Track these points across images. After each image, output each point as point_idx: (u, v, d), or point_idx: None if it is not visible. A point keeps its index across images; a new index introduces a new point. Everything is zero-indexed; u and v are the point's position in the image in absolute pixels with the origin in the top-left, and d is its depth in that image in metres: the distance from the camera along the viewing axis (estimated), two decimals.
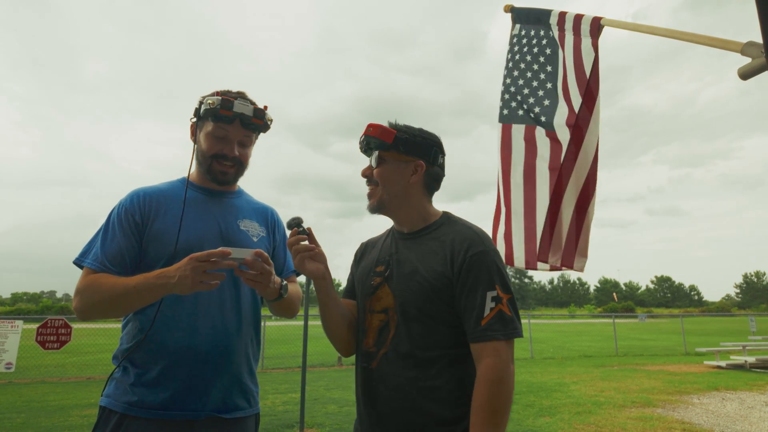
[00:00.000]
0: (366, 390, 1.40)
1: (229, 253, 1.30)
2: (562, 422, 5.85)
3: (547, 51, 2.89)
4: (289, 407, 6.78)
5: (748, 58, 1.43)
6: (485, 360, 1.25)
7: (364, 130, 1.47)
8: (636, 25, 2.13)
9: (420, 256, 1.40)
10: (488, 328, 1.26)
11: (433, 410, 1.28)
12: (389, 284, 1.42)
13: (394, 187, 1.45)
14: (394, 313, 1.38)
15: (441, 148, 1.52)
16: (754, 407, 6.70)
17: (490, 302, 1.28)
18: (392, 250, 1.49)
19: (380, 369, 1.36)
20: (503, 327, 1.27)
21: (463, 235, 1.37)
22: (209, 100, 1.54)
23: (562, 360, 13.17)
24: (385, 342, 1.37)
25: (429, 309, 1.33)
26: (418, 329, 1.33)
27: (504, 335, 1.26)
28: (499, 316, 1.27)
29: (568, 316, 49.63)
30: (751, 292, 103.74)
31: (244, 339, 1.58)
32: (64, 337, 9.12)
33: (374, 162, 1.47)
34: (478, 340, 1.27)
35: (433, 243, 1.41)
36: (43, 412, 6.51)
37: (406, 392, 1.30)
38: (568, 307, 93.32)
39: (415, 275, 1.37)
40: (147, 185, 1.65)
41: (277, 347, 14.82)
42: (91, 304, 1.42)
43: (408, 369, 1.31)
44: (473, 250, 1.33)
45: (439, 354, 1.32)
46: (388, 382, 1.34)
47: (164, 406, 1.41)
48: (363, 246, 1.66)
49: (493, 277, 1.31)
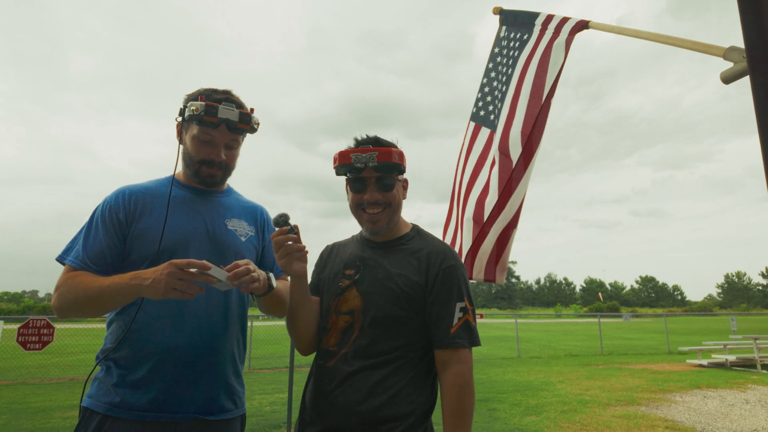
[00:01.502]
0: (319, 386, 1.42)
1: (209, 268, 1.27)
2: (548, 421, 5.91)
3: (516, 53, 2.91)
4: (277, 407, 6.74)
5: (731, 62, 1.46)
6: (454, 366, 1.35)
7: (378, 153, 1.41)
8: (621, 29, 2.16)
9: (393, 264, 1.47)
10: (456, 336, 1.37)
11: (383, 407, 1.32)
12: (358, 287, 1.46)
13: (400, 208, 1.53)
14: (359, 315, 1.43)
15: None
16: (735, 405, 6.84)
17: (459, 312, 1.39)
18: (364, 256, 1.53)
19: (336, 367, 1.40)
20: (469, 336, 1.38)
21: (437, 249, 1.48)
22: (193, 106, 1.49)
23: (548, 359, 13.30)
24: (346, 342, 1.42)
25: (397, 314, 1.40)
26: (382, 333, 1.39)
27: (469, 343, 1.38)
28: (466, 325, 1.39)
29: (554, 316, 50.12)
30: (732, 292, 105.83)
31: (230, 339, 1.56)
32: (47, 338, 8.96)
33: (386, 186, 1.47)
34: (447, 347, 1.37)
35: (407, 254, 1.49)
36: (25, 413, 6.39)
37: (358, 387, 1.35)
38: (555, 306, 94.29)
39: (388, 281, 1.43)
40: (133, 183, 1.63)
41: (264, 347, 14.74)
42: (67, 302, 1.40)
43: (364, 369, 1.37)
44: (447, 263, 1.44)
45: (397, 355, 1.38)
46: (342, 380, 1.37)
47: (147, 407, 1.39)
48: (330, 247, 1.70)
49: (462, 290, 1.43)
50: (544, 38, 2.67)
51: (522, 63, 2.77)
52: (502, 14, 3.28)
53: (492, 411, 6.49)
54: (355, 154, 1.44)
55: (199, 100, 1.52)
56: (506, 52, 3.05)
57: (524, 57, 2.78)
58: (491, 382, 9.05)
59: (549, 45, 2.59)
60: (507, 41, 3.10)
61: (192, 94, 1.58)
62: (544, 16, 2.80)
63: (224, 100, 1.54)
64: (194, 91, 1.59)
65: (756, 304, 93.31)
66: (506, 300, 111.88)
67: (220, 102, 1.52)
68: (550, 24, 2.69)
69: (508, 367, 11.44)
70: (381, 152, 1.42)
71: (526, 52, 2.78)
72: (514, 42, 3.00)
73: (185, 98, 1.59)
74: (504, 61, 3.04)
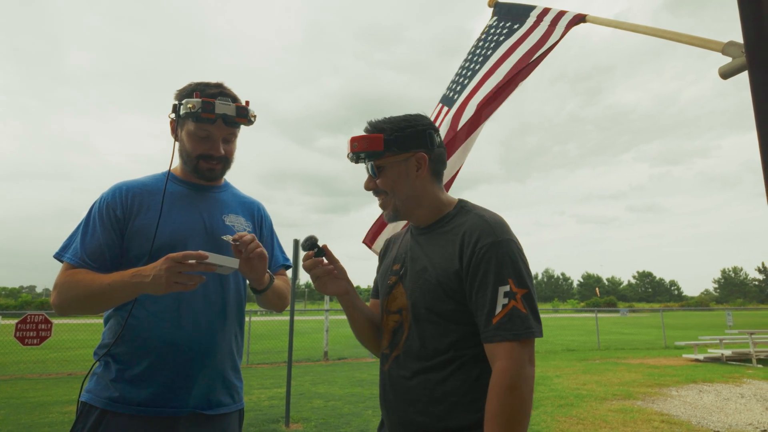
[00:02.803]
0: (382, 392, 1.37)
1: (206, 257, 1.27)
2: (545, 415, 5.94)
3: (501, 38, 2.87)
4: (275, 402, 6.76)
5: (729, 57, 1.46)
6: (498, 363, 1.15)
7: (349, 146, 1.35)
8: (619, 23, 2.15)
9: (430, 253, 1.32)
10: (499, 327, 1.16)
11: (444, 416, 1.20)
12: (403, 283, 1.36)
13: (404, 189, 1.35)
14: (407, 313, 1.32)
15: (432, 126, 1.41)
16: (730, 399, 6.89)
17: (503, 298, 1.17)
18: (408, 247, 1.42)
19: (391, 372, 1.33)
20: (516, 326, 1.15)
21: (473, 226, 1.26)
22: (189, 103, 1.47)
23: (545, 354, 13.36)
24: (398, 344, 1.33)
25: (439, 308, 1.25)
26: (429, 330, 1.26)
27: (516, 335, 1.14)
28: (512, 313, 1.16)
29: (551, 311, 50.30)
30: (728, 287, 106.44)
31: (228, 334, 1.56)
32: (45, 333, 8.95)
33: (372, 172, 1.36)
34: (489, 341, 1.18)
35: (445, 237, 1.32)
36: (23, 408, 6.40)
37: (415, 397, 1.24)
38: (552, 301, 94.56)
39: (424, 273, 1.30)
40: (131, 179, 1.62)
41: (262, 342, 14.76)
42: (67, 300, 1.40)
43: (417, 373, 1.26)
44: (483, 242, 1.22)
45: (453, 356, 1.24)
46: (398, 386, 1.29)
47: (146, 402, 1.39)
48: (386, 243, 1.60)
49: (504, 270, 1.19)
50: (538, 28, 2.66)
51: (507, 47, 2.73)
52: (496, 7, 3.26)
53: None
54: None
55: (194, 96, 1.50)
56: (490, 38, 3.01)
57: (510, 42, 2.74)
58: None
59: (543, 36, 2.58)
60: (494, 29, 3.07)
61: (183, 90, 1.57)
62: (540, 9, 2.78)
63: (219, 94, 1.53)
64: (185, 87, 1.57)
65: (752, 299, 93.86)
66: None
67: (215, 97, 1.51)
68: (546, 16, 2.67)
69: None
70: (353, 141, 1.35)
71: (514, 38, 2.74)
72: (501, 29, 2.97)
73: (177, 94, 1.57)
74: (485, 45, 3.00)
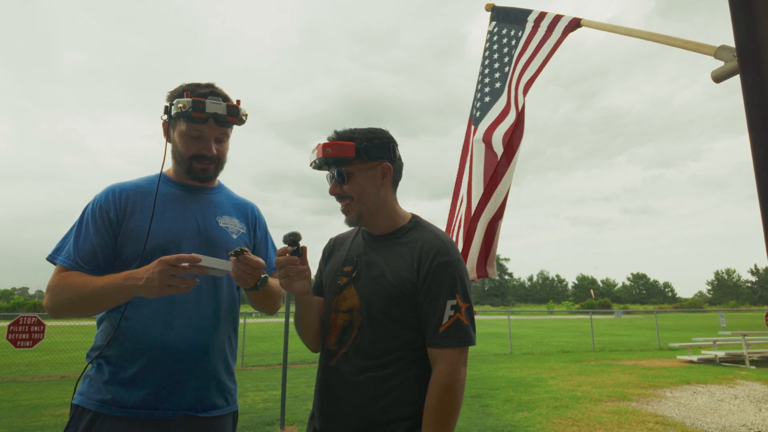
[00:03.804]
0: (323, 386, 1.43)
1: (199, 260, 1.27)
2: (540, 417, 5.96)
3: (510, 50, 2.92)
4: (270, 404, 6.73)
5: (721, 61, 1.47)
6: (439, 366, 1.31)
7: (319, 151, 1.40)
8: (613, 27, 2.16)
9: (387, 260, 1.42)
10: (445, 335, 1.32)
11: (385, 409, 1.31)
12: (355, 285, 1.43)
13: (369, 197, 1.44)
14: (358, 314, 1.40)
15: (394, 140, 1.51)
16: (724, 400, 6.93)
17: (449, 310, 1.33)
18: (360, 251, 1.50)
19: (338, 367, 1.39)
20: (459, 335, 1.32)
21: (430, 243, 1.41)
22: (180, 103, 1.48)
23: (540, 355, 13.39)
24: (346, 341, 1.40)
25: (393, 312, 1.37)
26: (380, 331, 1.37)
27: (458, 342, 1.32)
28: (457, 324, 1.33)
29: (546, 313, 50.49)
30: (722, 288, 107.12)
31: (222, 336, 1.55)
32: (37, 335, 8.87)
33: (339, 178, 1.43)
34: (435, 346, 1.33)
35: (402, 248, 1.43)
36: (15, 411, 6.34)
37: (361, 390, 1.33)
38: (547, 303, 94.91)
39: (382, 279, 1.39)
40: (124, 180, 1.61)
41: (257, 344, 14.70)
42: (60, 302, 1.39)
43: (365, 368, 1.35)
44: (438, 260, 1.37)
45: (397, 356, 1.35)
46: (345, 380, 1.37)
47: (139, 404, 1.38)
48: (332, 242, 1.67)
49: (454, 287, 1.35)
50: (536, 36, 2.68)
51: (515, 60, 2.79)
52: (494, 11, 3.28)
53: (484, 407, 6.53)
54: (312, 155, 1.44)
55: (185, 96, 1.51)
56: (500, 49, 3.05)
57: (517, 53, 2.79)
58: (484, 378, 9.10)
59: (540, 43, 2.60)
60: (501, 38, 3.10)
61: (175, 91, 1.57)
62: (536, 13, 2.80)
63: (209, 94, 1.53)
64: (176, 87, 1.58)
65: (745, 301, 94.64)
66: (499, 297, 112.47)
67: (205, 96, 1.51)
68: (543, 21, 2.69)
69: (500, 363, 11.50)
70: (325, 147, 1.39)
71: (519, 49, 2.79)
72: (509, 39, 3.00)
73: (168, 95, 1.58)
74: (499, 57, 3.04)
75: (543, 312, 50.37)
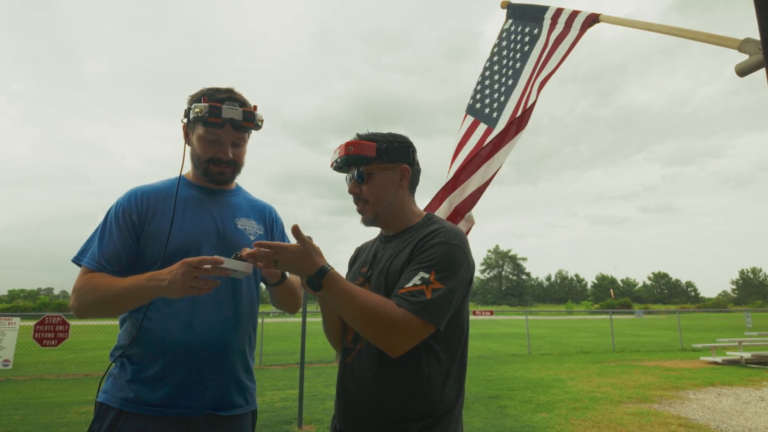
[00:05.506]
0: (340, 383, 1.46)
1: (221, 262, 1.28)
2: (560, 418, 5.88)
3: (526, 48, 2.89)
4: (288, 403, 6.79)
5: (746, 54, 1.43)
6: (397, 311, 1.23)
7: (341, 150, 1.43)
8: (633, 22, 2.12)
9: (392, 254, 1.43)
10: (400, 297, 1.25)
11: (394, 406, 1.31)
12: (369, 284, 1.46)
13: (386, 197, 1.46)
14: None
15: (414, 146, 1.54)
16: (750, 402, 6.75)
17: (417, 280, 1.26)
18: (375, 251, 1.54)
19: (353, 364, 1.42)
20: (415, 301, 1.22)
21: (432, 231, 1.38)
22: (197, 108, 1.51)
23: (559, 356, 13.22)
24: (360, 338, 1.41)
25: None
26: None
27: (411, 307, 1.22)
28: (417, 293, 1.24)
29: (565, 313, 49.84)
30: (747, 288, 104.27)
31: (241, 336, 1.58)
32: (62, 334, 9.12)
33: (359, 178, 1.46)
34: None
35: (406, 240, 1.44)
36: (41, 408, 6.51)
37: (371, 388, 1.34)
38: (566, 303, 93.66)
39: (384, 274, 1.41)
40: (145, 183, 1.65)
41: (275, 344, 14.85)
42: (86, 303, 1.43)
43: (374, 366, 1.35)
44: (433, 240, 1.34)
45: (408, 354, 1.30)
46: (357, 377, 1.38)
47: (161, 403, 1.41)
48: (356, 251, 1.71)
49: (434, 263, 1.28)
50: (553, 33, 2.65)
51: (534, 58, 2.76)
52: (509, 8, 3.25)
53: (503, 408, 6.48)
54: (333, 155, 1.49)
55: (202, 101, 1.54)
56: (515, 46, 3.02)
57: (536, 52, 2.76)
58: (502, 379, 9.03)
59: (558, 40, 2.57)
60: (515, 35, 3.07)
61: (195, 95, 1.60)
62: (553, 10, 2.77)
63: (227, 99, 1.56)
64: (197, 92, 1.61)
65: None
66: (517, 297, 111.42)
67: (223, 102, 1.54)
68: (560, 18, 2.66)
69: (518, 364, 11.40)
70: (348, 145, 1.43)
71: (539, 47, 2.75)
72: (523, 36, 2.97)
73: (189, 99, 1.61)
74: (511, 55, 3.01)
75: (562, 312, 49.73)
